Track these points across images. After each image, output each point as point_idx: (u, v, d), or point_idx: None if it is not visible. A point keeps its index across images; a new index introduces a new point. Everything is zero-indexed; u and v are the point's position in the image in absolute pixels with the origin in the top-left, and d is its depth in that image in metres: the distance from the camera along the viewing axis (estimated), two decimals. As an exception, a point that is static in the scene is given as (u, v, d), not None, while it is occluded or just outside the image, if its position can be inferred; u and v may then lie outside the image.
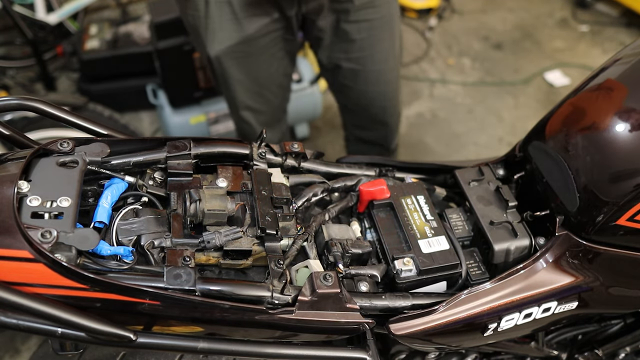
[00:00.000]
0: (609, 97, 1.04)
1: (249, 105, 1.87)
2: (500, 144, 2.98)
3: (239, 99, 1.85)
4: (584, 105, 1.07)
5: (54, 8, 3.27)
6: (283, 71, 1.84)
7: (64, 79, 3.32)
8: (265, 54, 1.73)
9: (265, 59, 1.75)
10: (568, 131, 1.05)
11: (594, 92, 1.07)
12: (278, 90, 1.90)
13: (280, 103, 1.97)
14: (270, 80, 1.83)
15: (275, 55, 1.76)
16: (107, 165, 0.94)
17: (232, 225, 0.93)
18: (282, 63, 1.81)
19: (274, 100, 1.91)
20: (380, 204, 1.09)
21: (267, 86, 1.84)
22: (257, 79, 1.80)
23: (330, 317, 0.88)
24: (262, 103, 1.89)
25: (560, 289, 1.02)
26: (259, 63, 1.75)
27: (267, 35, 1.69)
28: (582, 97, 1.09)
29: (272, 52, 1.74)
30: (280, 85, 1.89)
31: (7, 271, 0.73)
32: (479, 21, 3.92)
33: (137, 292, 0.78)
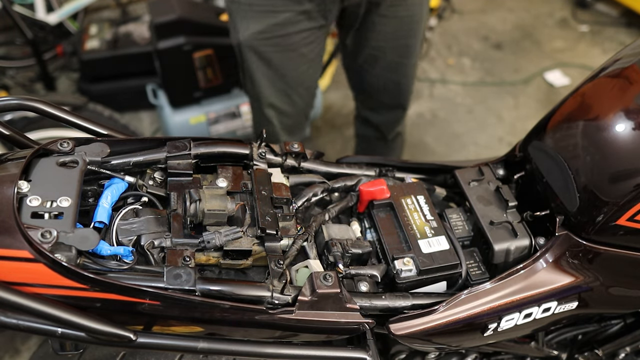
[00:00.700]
0: (608, 97, 1.04)
1: (273, 103, 1.87)
2: (500, 144, 2.98)
3: (263, 94, 1.85)
4: (584, 105, 1.07)
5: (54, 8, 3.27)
6: (312, 74, 1.85)
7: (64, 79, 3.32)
8: (296, 51, 1.74)
9: (296, 57, 1.75)
10: (568, 131, 1.05)
11: (594, 92, 1.07)
12: (305, 93, 1.90)
13: (305, 108, 1.96)
14: (298, 80, 1.83)
15: (306, 55, 1.77)
16: (107, 165, 0.94)
17: (232, 225, 0.93)
18: (312, 65, 1.82)
19: (299, 103, 1.90)
20: (380, 204, 1.09)
21: (294, 86, 1.84)
22: (285, 77, 1.80)
23: (330, 317, 0.88)
24: (287, 104, 1.88)
25: (560, 289, 1.02)
26: (289, 60, 1.76)
27: (301, 32, 1.69)
28: (582, 97, 1.08)
29: (304, 51, 1.75)
30: (308, 88, 1.89)
31: (7, 271, 0.73)
32: (479, 21, 3.92)
33: (137, 292, 0.78)
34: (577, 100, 1.09)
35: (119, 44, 2.92)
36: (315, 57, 1.81)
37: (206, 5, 3.04)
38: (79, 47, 2.93)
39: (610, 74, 1.08)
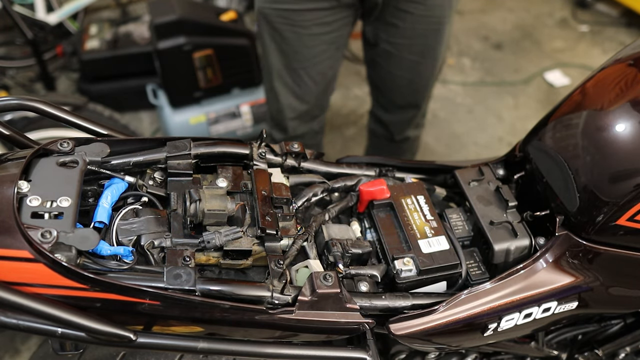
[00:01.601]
0: (608, 97, 1.04)
1: (283, 77, 1.85)
2: (500, 144, 2.98)
3: (274, 66, 1.84)
4: (584, 105, 1.07)
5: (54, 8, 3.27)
6: (328, 59, 1.83)
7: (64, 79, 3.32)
8: (309, 29, 1.72)
9: (308, 36, 1.74)
10: (568, 131, 1.05)
11: (594, 92, 1.07)
12: (319, 78, 1.87)
13: (318, 95, 1.93)
14: (312, 61, 1.81)
15: (320, 37, 1.75)
16: (107, 165, 0.94)
17: (232, 225, 0.93)
18: (328, 50, 1.80)
19: (311, 87, 1.88)
20: (380, 204, 1.09)
21: (307, 67, 1.82)
22: (297, 54, 1.78)
23: (330, 317, 0.88)
24: (297, 84, 1.86)
25: (560, 289, 1.02)
26: (300, 37, 1.74)
27: (315, 11, 1.68)
28: (581, 97, 1.09)
29: (317, 31, 1.73)
30: (323, 74, 1.86)
31: (7, 271, 0.73)
32: (479, 21, 3.92)
33: (137, 292, 0.78)
34: (576, 100, 1.09)
35: (119, 44, 2.92)
36: (332, 41, 1.79)
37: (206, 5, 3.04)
38: (79, 47, 2.93)
39: (610, 73, 1.08)
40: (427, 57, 1.86)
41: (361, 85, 3.38)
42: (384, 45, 1.84)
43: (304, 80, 1.86)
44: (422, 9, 1.72)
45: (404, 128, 2.13)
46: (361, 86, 3.37)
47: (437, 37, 1.81)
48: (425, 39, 1.80)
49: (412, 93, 1.99)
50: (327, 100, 2.03)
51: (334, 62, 1.88)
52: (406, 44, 1.81)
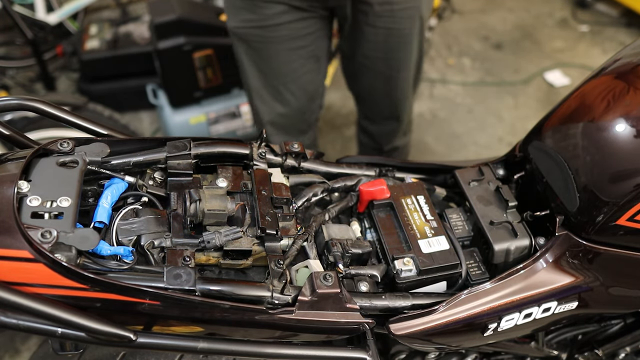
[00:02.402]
0: (608, 97, 1.04)
1: (262, 96, 1.84)
2: (500, 144, 2.98)
3: (252, 85, 1.83)
4: (584, 105, 1.07)
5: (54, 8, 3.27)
6: (307, 73, 1.81)
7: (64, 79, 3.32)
8: (283, 45, 1.71)
9: (284, 51, 1.72)
10: (568, 131, 1.05)
11: (594, 92, 1.07)
12: (300, 93, 1.85)
13: (301, 108, 1.91)
14: (289, 77, 1.79)
15: (297, 52, 1.73)
16: (107, 165, 0.94)
17: (232, 225, 0.93)
18: (307, 64, 1.78)
19: (292, 102, 1.86)
20: (380, 204, 1.09)
21: (286, 83, 1.80)
22: (274, 71, 1.77)
23: (330, 317, 0.88)
24: (278, 100, 1.85)
25: (560, 289, 1.02)
26: (276, 53, 1.73)
27: (287, 25, 1.66)
28: (582, 97, 1.09)
29: (293, 46, 1.72)
30: (304, 88, 1.84)
31: (7, 271, 0.73)
32: (479, 21, 3.92)
33: (137, 292, 0.78)
34: (577, 100, 1.09)
35: (119, 44, 2.92)
36: (309, 54, 1.77)
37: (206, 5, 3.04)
38: (79, 47, 2.93)
39: (610, 74, 1.08)
40: (401, 69, 1.85)
41: (361, 85, 3.38)
42: (359, 59, 1.83)
43: (285, 96, 1.85)
44: (391, 22, 1.70)
45: (390, 139, 2.12)
46: (361, 86, 3.37)
47: (407, 48, 1.79)
48: (397, 52, 1.79)
49: (391, 105, 1.98)
50: (313, 115, 2.00)
51: (315, 75, 1.86)
52: (379, 57, 1.80)
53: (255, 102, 1.89)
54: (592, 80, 1.09)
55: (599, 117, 1.02)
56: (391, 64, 1.82)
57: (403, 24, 1.72)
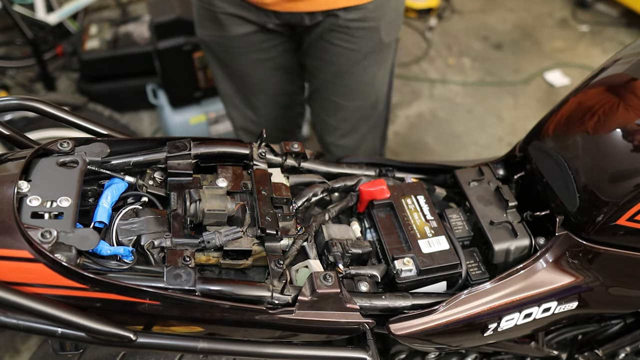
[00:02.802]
0: (609, 97, 1.04)
1: (235, 103, 1.82)
2: (500, 144, 2.98)
3: (223, 92, 1.82)
4: (584, 105, 1.07)
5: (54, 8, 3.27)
6: (277, 84, 1.74)
7: (64, 79, 3.32)
8: (247, 57, 1.66)
9: (249, 62, 1.68)
10: (568, 131, 1.05)
11: (594, 92, 1.07)
12: (271, 103, 1.79)
13: (274, 118, 1.83)
14: (257, 87, 1.74)
15: (263, 63, 1.67)
16: (107, 165, 0.94)
17: (232, 225, 0.93)
18: (276, 75, 1.72)
19: (263, 111, 1.80)
20: (380, 204, 1.09)
21: (254, 92, 1.76)
22: (243, 81, 1.74)
23: (330, 317, 0.88)
24: (250, 109, 1.81)
25: (560, 289, 1.02)
26: (241, 65, 1.69)
27: (247, 37, 1.60)
28: (582, 97, 1.09)
29: (257, 58, 1.66)
30: (274, 99, 1.78)
31: (7, 271, 0.73)
32: (479, 21, 3.92)
33: (137, 292, 0.78)
34: (577, 100, 1.09)
35: (119, 44, 2.91)
36: (277, 66, 1.69)
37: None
38: (79, 47, 2.92)
39: (610, 74, 1.08)
40: (353, 98, 1.67)
41: (361, 85, 3.38)
42: (313, 81, 1.71)
43: (255, 105, 1.79)
44: (346, 39, 1.55)
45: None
46: (361, 86, 3.37)
47: (365, 76, 1.62)
48: (348, 77, 1.62)
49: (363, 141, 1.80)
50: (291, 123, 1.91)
51: (288, 86, 1.77)
52: (329, 82, 1.65)
53: (227, 109, 1.87)
54: (592, 81, 1.09)
55: (599, 117, 1.02)
56: (339, 91, 1.66)
57: (361, 45, 1.56)
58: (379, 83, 1.70)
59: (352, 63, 1.61)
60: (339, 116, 1.75)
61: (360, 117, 1.76)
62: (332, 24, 1.53)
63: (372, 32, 1.56)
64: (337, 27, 1.53)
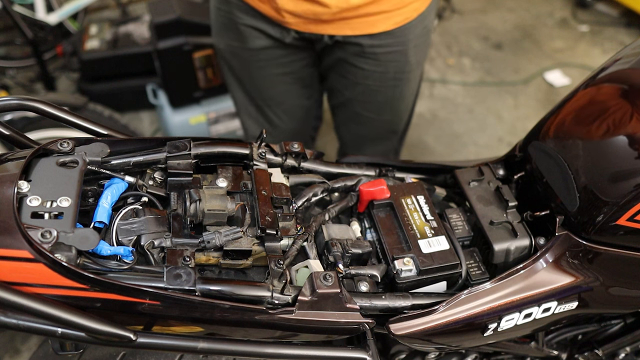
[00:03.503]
0: (609, 97, 1.04)
1: (250, 112, 1.80)
2: (500, 144, 2.98)
3: (238, 100, 1.82)
4: (584, 106, 1.07)
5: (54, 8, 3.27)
6: (295, 97, 1.74)
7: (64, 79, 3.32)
8: (265, 70, 1.65)
9: (267, 76, 1.66)
10: (568, 131, 1.05)
11: (594, 92, 1.07)
12: (287, 117, 1.78)
13: (291, 130, 1.83)
14: (274, 101, 1.73)
15: (280, 77, 1.66)
16: (107, 165, 0.94)
17: (232, 225, 0.93)
18: (293, 88, 1.71)
19: (279, 124, 1.80)
20: (380, 204, 1.09)
21: (270, 105, 1.75)
22: (259, 93, 1.72)
23: (330, 317, 0.88)
24: (266, 120, 1.79)
25: (560, 289, 1.02)
26: (259, 77, 1.67)
27: (267, 51, 1.60)
28: (582, 97, 1.09)
29: (275, 72, 1.65)
30: (291, 113, 1.77)
31: (7, 271, 0.73)
32: (479, 21, 3.92)
33: (137, 292, 0.78)
34: (577, 100, 1.09)
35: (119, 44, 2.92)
36: (295, 80, 1.69)
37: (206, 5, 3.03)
38: (79, 47, 2.93)
39: (610, 74, 1.08)
40: (383, 113, 1.70)
41: (361, 85, 3.38)
42: (338, 95, 1.72)
43: (271, 117, 1.78)
44: (373, 64, 1.56)
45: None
46: (361, 86, 3.37)
47: (394, 93, 1.65)
48: (378, 95, 1.64)
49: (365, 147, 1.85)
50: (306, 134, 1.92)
51: (305, 100, 1.77)
52: (358, 100, 1.67)
53: (242, 117, 1.85)
54: (592, 80, 1.09)
55: (599, 117, 1.02)
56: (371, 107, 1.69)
57: (387, 67, 1.57)
58: (408, 97, 1.72)
59: (381, 83, 1.61)
60: (369, 126, 1.77)
61: (389, 129, 1.79)
62: (357, 50, 1.52)
63: (399, 55, 1.55)
64: (361, 52, 1.53)
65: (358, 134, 1.82)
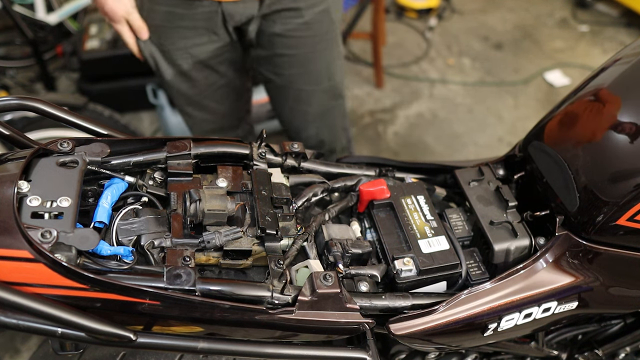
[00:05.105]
0: (609, 97, 1.04)
1: (187, 112, 1.82)
2: (500, 144, 2.98)
3: (177, 104, 1.82)
4: (584, 106, 1.07)
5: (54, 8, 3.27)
6: (225, 82, 1.75)
7: (64, 79, 3.32)
8: (201, 64, 1.66)
9: (201, 69, 1.67)
10: (568, 131, 1.05)
11: (594, 93, 1.07)
12: (222, 100, 1.80)
13: (229, 112, 1.86)
14: (210, 89, 1.75)
15: (214, 68, 1.68)
16: (107, 165, 0.94)
17: (232, 225, 0.93)
18: (223, 75, 1.73)
19: (217, 109, 1.82)
20: (380, 204, 1.09)
21: (207, 96, 1.76)
22: (195, 88, 1.73)
23: (330, 317, 0.88)
24: (203, 111, 1.81)
25: (560, 289, 1.02)
26: (196, 73, 1.68)
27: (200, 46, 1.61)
28: (582, 98, 1.09)
29: (209, 64, 1.66)
30: (225, 95, 1.79)
31: (7, 271, 0.73)
32: (479, 21, 3.92)
33: (137, 292, 0.78)
34: (577, 100, 1.09)
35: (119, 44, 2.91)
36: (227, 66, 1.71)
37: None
38: (79, 47, 2.92)
39: (610, 74, 1.08)
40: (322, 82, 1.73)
41: (361, 85, 3.38)
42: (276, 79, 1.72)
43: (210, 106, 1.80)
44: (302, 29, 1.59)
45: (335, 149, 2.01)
46: (361, 86, 3.37)
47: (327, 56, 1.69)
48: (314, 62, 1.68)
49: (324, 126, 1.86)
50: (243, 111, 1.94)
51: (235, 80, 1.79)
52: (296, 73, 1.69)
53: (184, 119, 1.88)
54: (592, 81, 1.09)
55: (599, 117, 1.02)
56: (309, 78, 1.70)
57: (316, 30, 1.61)
58: (338, 62, 1.76)
59: (313, 48, 1.66)
60: (314, 100, 1.78)
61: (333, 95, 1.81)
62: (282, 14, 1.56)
63: (324, 14, 1.61)
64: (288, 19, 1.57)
65: (306, 113, 1.82)
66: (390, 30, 3.80)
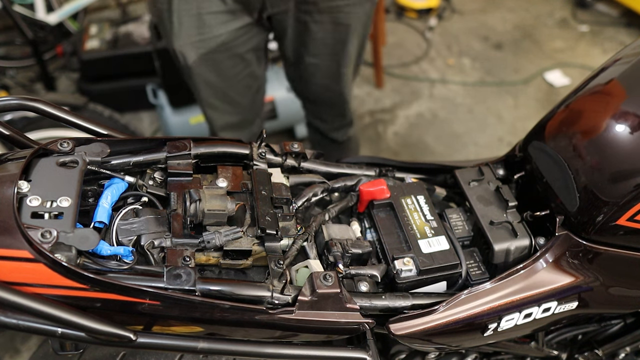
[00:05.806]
0: (609, 97, 1.04)
1: (212, 104, 1.87)
2: (500, 144, 2.98)
3: (202, 96, 1.85)
4: (584, 106, 1.07)
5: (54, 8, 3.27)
6: (249, 71, 1.83)
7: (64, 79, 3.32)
8: (229, 52, 1.71)
9: (230, 57, 1.73)
10: (568, 131, 1.05)
11: (594, 93, 1.07)
12: (245, 91, 1.88)
13: (250, 105, 1.94)
14: (235, 79, 1.82)
15: (241, 55, 1.75)
16: (107, 165, 0.94)
17: (232, 225, 0.93)
18: (249, 63, 1.80)
19: (240, 101, 1.90)
20: (380, 204, 1.09)
21: (232, 85, 1.83)
22: (222, 77, 1.78)
23: (330, 317, 0.88)
24: (227, 103, 1.87)
25: (560, 289, 1.02)
26: (223, 61, 1.74)
27: (232, 32, 1.67)
28: (582, 98, 1.08)
29: (238, 51, 1.73)
30: (248, 86, 1.87)
31: (7, 271, 0.73)
32: (479, 21, 3.92)
33: (137, 292, 0.78)
34: (577, 100, 1.09)
35: (119, 44, 2.92)
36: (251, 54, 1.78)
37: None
38: (79, 47, 2.93)
39: (610, 74, 1.08)
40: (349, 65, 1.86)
41: (361, 85, 3.38)
42: (307, 58, 1.82)
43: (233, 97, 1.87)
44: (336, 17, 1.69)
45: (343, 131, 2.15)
46: (361, 86, 3.37)
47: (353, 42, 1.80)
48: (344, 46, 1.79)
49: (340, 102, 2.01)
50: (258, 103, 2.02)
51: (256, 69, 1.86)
52: (328, 53, 1.79)
53: (206, 110, 1.93)
54: (592, 81, 1.09)
55: (599, 117, 1.02)
56: (339, 60, 1.82)
57: (349, 19, 1.70)
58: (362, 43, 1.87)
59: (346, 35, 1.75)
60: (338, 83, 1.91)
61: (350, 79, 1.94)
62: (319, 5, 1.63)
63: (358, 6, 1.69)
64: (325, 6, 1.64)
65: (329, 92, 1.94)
66: (390, 30, 3.80)
